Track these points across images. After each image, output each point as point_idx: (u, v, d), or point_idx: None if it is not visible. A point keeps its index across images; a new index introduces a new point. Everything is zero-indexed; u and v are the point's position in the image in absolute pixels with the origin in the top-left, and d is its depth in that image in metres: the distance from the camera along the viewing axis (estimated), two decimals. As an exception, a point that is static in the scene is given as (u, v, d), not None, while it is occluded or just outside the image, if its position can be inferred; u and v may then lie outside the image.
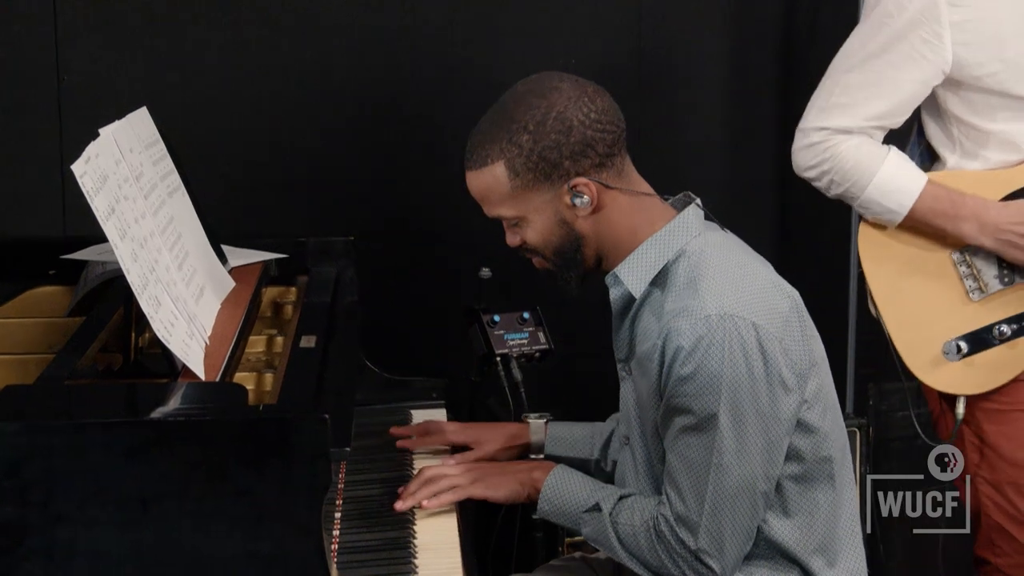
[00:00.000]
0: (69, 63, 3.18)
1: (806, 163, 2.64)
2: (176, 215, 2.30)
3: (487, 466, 2.36)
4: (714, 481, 2.07)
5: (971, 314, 2.62)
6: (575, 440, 2.49)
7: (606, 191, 2.14)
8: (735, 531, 2.10)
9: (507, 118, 2.13)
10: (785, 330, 2.10)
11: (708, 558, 2.10)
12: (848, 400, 3.54)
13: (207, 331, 2.17)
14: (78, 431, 1.78)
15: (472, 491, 2.29)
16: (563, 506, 2.25)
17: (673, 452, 2.10)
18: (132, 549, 1.77)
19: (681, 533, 2.10)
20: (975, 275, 2.61)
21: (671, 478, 2.11)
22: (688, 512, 2.09)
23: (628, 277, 2.17)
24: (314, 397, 2.02)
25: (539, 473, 2.29)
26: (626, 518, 2.18)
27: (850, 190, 2.62)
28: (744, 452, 2.07)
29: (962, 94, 2.59)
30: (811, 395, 2.13)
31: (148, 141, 2.31)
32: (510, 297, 2.90)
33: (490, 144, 2.14)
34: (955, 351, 2.62)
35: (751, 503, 2.10)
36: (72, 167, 1.87)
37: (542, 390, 2.67)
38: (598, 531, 2.21)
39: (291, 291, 2.74)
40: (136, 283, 1.93)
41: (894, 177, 2.59)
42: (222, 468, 1.78)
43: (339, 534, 2.19)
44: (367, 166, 3.37)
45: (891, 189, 2.59)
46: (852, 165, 2.59)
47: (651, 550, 2.14)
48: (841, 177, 2.61)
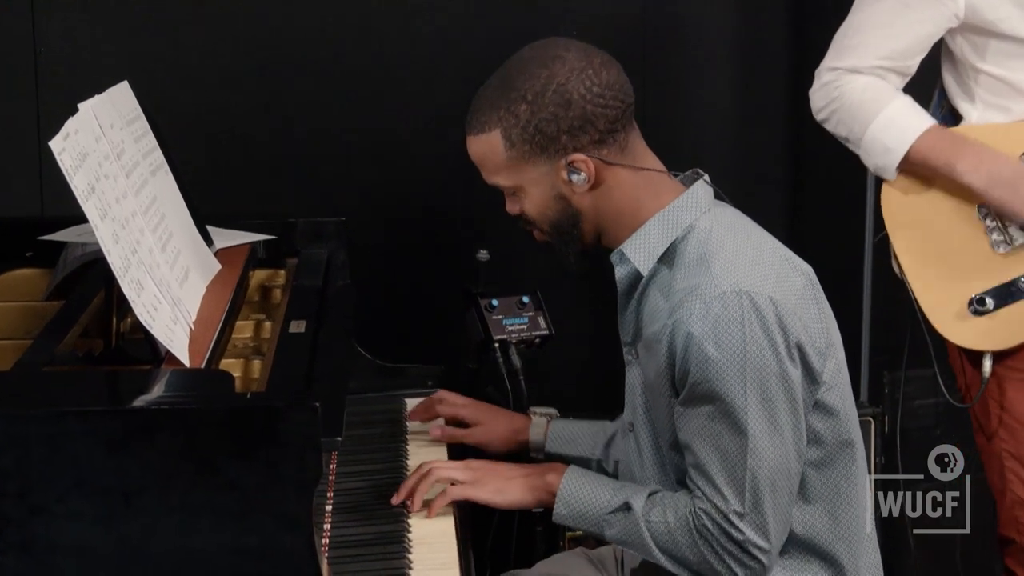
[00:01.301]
0: (46, 34, 3.18)
1: (818, 105, 2.73)
2: (159, 194, 2.30)
3: (492, 467, 2.31)
4: (751, 467, 2.06)
5: (997, 268, 2.65)
6: (577, 437, 2.48)
7: (606, 168, 2.14)
8: (777, 517, 2.10)
9: (508, 85, 2.13)
10: (802, 306, 2.10)
11: (755, 549, 2.09)
12: (862, 388, 3.54)
13: (192, 316, 2.17)
14: (57, 420, 1.77)
15: (473, 493, 2.26)
16: (584, 509, 2.21)
17: (701, 443, 2.09)
18: (114, 544, 1.77)
19: (726, 526, 2.08)
20: (1001, 227, 2.65)
21: (701, 470, 2.09)
22: (728, 504, 2.08)
23: (635, 254, 2.17)
24: (304, 385, 2.02)
25: (552, 476, 2.24)
26: (658, 516, 2.15)
27: (855, 130, 2.68)
28: (778, 433, 2.07)
29: (977, 41, 2.64)
30: (830, 376, 2.13)
31: (130, 117, 2.31)
32: (509, 280, 2.90)
33: (489, 111, 2.14)
34: (980, 306, 2.65)
35: (788, 485, 2.10)
36: (50, 144, 1.86)
37: (542, 378, 2.67)
38: (628, 532, 2.17)
39: (280, 274, 2.74)
40: (117, 265, 1.93)
41: (898, 117, 2.66)
42: (208, 459, 1.78)
43: (330, 528, 2.19)
44: (360, 143, 3.37)
45: (893, 127, 2.65)
46: (858, 102, 2.66)
47: (691, 547, 2.12)
48: (847, 116, 2.68)
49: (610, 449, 2.45)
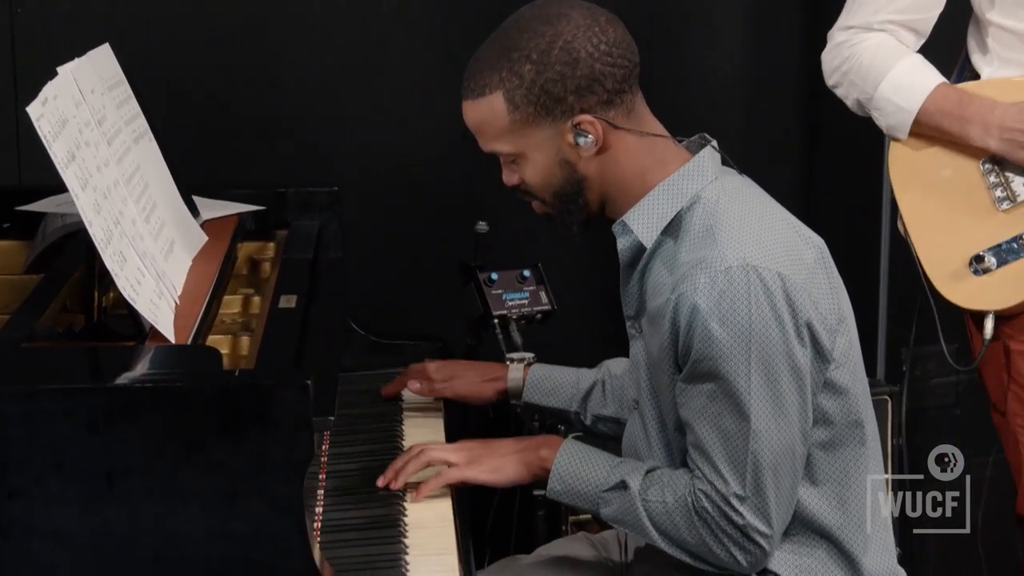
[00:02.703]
0: (23, -7, 3.17)
1: (831, 67, 2.77)
2: (142, 163, 2.30)
3: (486, 445, 2.31)
4: (753, 450, 2.06)
5: (999, 225, 2.68)
6: (557, 387, 2.50)
7: (613, 131, 2.14)
8: (779, 501, 2.10)
9: (509, 45, 2.12)
10: (812, 281, 2.10)
11: (756, 534, 2.09)
12: (879, 365, 3.55)
13: (177, 290, 2.17)
14: (36, 398, 1.77)
15: (468, 474, 2.26)
16: (578, 486, 2.21)
17: (702, 422, 2.09)
18: (95, 528, 1.78)
19: (726, 509, 2.08)
20: (1004, 183, 2.68)
21: (702, 451, 2.10)
22: (728, 486, 2.08)
23: (638, 225, 2.17)
24: (295, 362, 2.02)
25: (547, 451, 2.25)
26: (656, 495, 2.15)
27: (865, 89, 2.73)
28: (782, 414, 2.07)
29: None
30: (840, 354, 2.13)
31: (111, 81, 2.30)
32: (509, 253, 2.90)
33: (489, 72, 2.13)
34: (980, 264, 2.68)
35: (792, 468, 2.10)
36: (28, 109, 1.86)
37: (544, 355, 2.66)
38: (624, 511, 2.18)
39: (269, 246, 2.74)
40: (99, 237, 1.93)
41: (909, 74, 2.71)
42: (194, 439, 1.78)
43: (322, 511, 2.19)
44: (353, 109, 3.36)
45: (904, 85, 2.70)
46: (869, 61, 2.72)
47: (690, 529, 2.12)
48: (859, 76, 2.73)
49: (588, 402, 2.48)
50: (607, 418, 2.47)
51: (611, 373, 2.48)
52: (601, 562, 2.43)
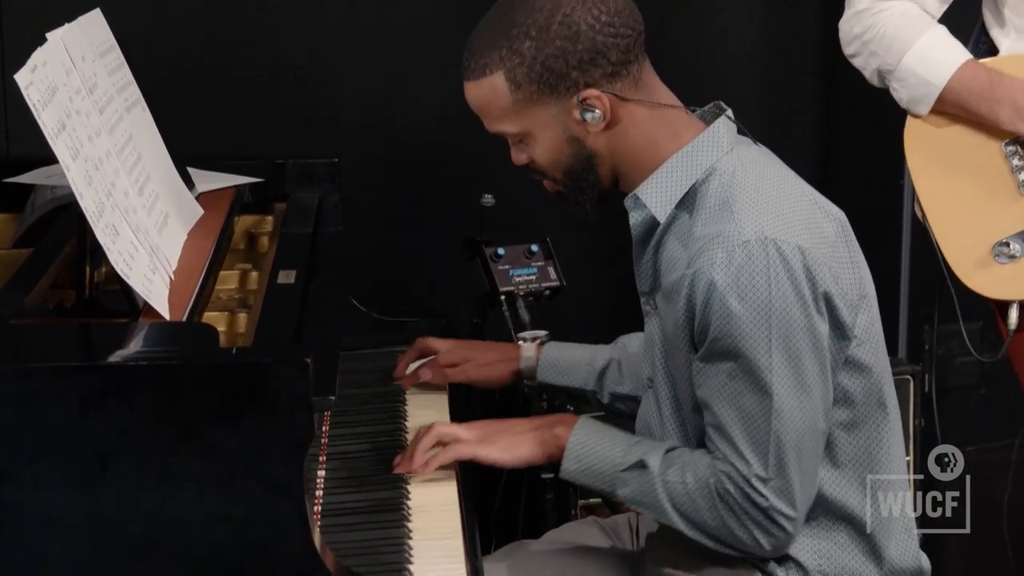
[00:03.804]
0: (11, -43, 3.16)
1: (849, 35, 2.76)
2: (135, 133, 2.30)
3: (499, 424, 2.29)
4: (776, 429, 2.06)
5: (1023, 211, 2.66)
6: (572, 366, 2.50)
7: (621, 104, 2.13)
8: (803, 482, 2.10)
9: (507, 22, 2.12)
10: (832, 256, 2.10)
11: (780, 516, 2.09)
12: (900, 344, 3.54)
13: (172, 265, 2.17)
14: (25, 377, 1.78)
15: (480, 451, 2.24)
16: (595, 465, 2.20)
17: (721, 402, 2.09)
18: (87, 512, 1.78)
19: (749, 492, 2.08)
20: None
21: (722, 432, 2.09)
22: (750, 468, 2.08)
23: (651, 199, 2.16)
24: (294, 339, 2.03)
25: (561, 428, 2.23)
26: (676, 476, 2.14)
27: (888, 60, 2.71)
28: (804, 391, 2.07)
29: None
30: (862, 331, 2.13)
31: (103, 48, 2.30)
32: (516, 227, 2.89)
33: (489, 52, 2.13)
34: (1005, 252, 2.67)
35: (815, 447, 2.11)
36: (16, 77, 1.86)
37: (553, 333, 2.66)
38: (642, 492, 2.17)
39: (267, 220, 2.74)
40: (91, 210, 1.93)
41: (935, 47, 2.69)
42: (190, 420, 1.78)
43: (323, 494, 2.20)
44: (354, 77, 3.36)
45: (930, 58, 2.69)
46: (893, 31, 2.70)
47: (711, 512, 2.12)
48: (881, 46, 2.71)
49: (604, 380, 2.47)
50: (625, 396, 2.47)
51: (627, 349, 2.48)
52: (612, 547, 2.44)
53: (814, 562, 2.18)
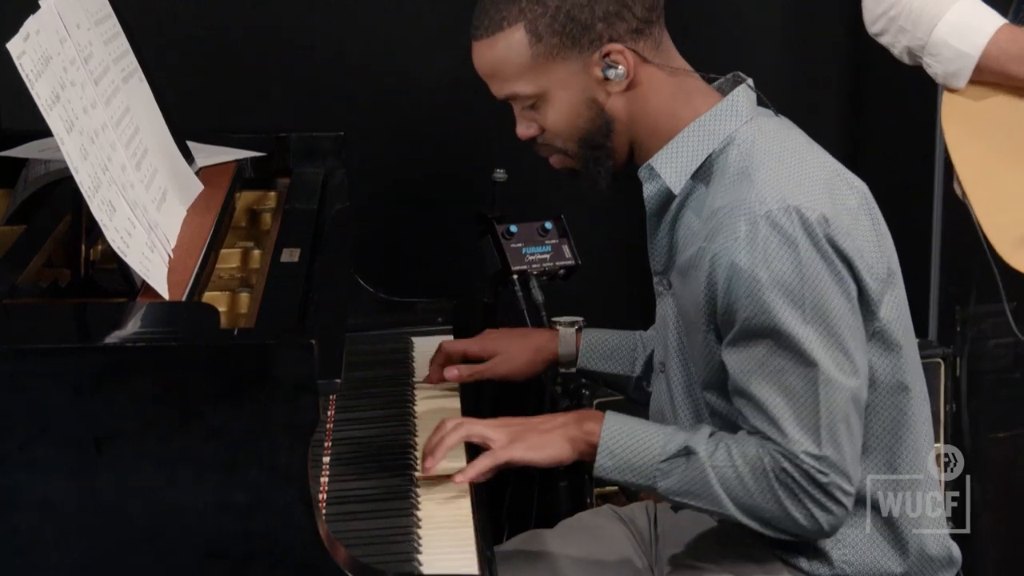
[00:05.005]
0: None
1: (873, 13, 2.74)
2: (133, 105, 2.30)
3: (526, 422, 2.23)
4: (824, 402, 2.05)
5: None
6: (613, 351, 2.49)
7: (643, 65, 2.13)
8: (854, 454, 2.10)
9: None
10: (856, 228, 2.10)
11: (839, 492, 2.08)
12: (931, 325, 3.54)
13: (171, 242, 2.17)
14: (19, 358, 1.78)
15: (513, 455, 2.18)
16: (633, 458, 2.15)
17: (762, 384, 2.07)
18: (83, 498, 1.78)
19: (808, 468, 2.06)
20: None
21: (765, 413, 2.08)
22: (801, 446, 2.06)
23: (666, 169, 2.16)
24: (298, 320, 2.03)
25: (591, 424, 2.18)
26: (723, 460, 2.11)
27: (918, 35, 2.69)
28: (847, 358, 2.07)
29: None
30: (888, 311, 2.13)
31: (98, 16, 2.30)
32: (529, 203, 2.89)
33: (507, 4, 2.12)
34: None
35: (859, 416, 2.10)
36: (8, 46, 1.86)
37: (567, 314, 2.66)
38: (689, 481, 2.13)
39: (270, 196, 2.74)
40: (86, 185, 1.93)
41: (966, 15, 2.68)
42: (190, 403, 1.78)
43: (328, 481, 2.20)
44: (360, 47, 3.35)
45: (963, 27, 2.67)
46: (920, 4, 2.69)
47: (765, 494, 2.09)
48: (909, 21, 2.69)
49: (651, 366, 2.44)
50: None
51: None
52: (630, 536, 2.43)
53: (838, 552, 2.17)
